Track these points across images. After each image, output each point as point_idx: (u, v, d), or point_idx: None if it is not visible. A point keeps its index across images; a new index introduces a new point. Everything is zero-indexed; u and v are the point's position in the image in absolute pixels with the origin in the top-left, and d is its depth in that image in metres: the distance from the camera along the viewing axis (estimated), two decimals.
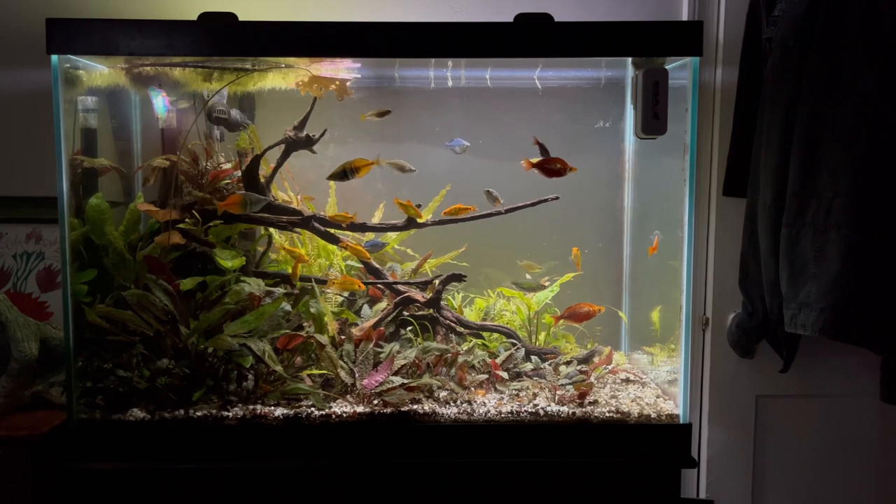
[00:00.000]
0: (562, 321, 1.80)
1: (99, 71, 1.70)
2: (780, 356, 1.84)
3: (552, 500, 1.58)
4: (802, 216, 1.60)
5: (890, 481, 1.97)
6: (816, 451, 1.96)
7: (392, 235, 1.90)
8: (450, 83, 1.85)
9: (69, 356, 1.56)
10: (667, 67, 1.63)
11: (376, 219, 1.91)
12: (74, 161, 1.64)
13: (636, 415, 1.61)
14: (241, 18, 1.55)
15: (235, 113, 1.79)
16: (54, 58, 1.51)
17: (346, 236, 1.84)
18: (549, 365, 1.80)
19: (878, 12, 1.51)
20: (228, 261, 1.67)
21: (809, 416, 1.95)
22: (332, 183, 1.88)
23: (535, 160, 1.64)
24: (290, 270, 1.78)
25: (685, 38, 1.54)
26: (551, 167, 1.63)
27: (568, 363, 1.81)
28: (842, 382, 1.92)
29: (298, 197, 1.82)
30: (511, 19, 1.55)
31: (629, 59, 1.69)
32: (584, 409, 1.61)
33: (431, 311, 1.84)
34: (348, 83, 1.73)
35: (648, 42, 1.55)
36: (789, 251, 1.62)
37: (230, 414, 1.56)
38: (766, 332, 1.82)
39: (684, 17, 1.92)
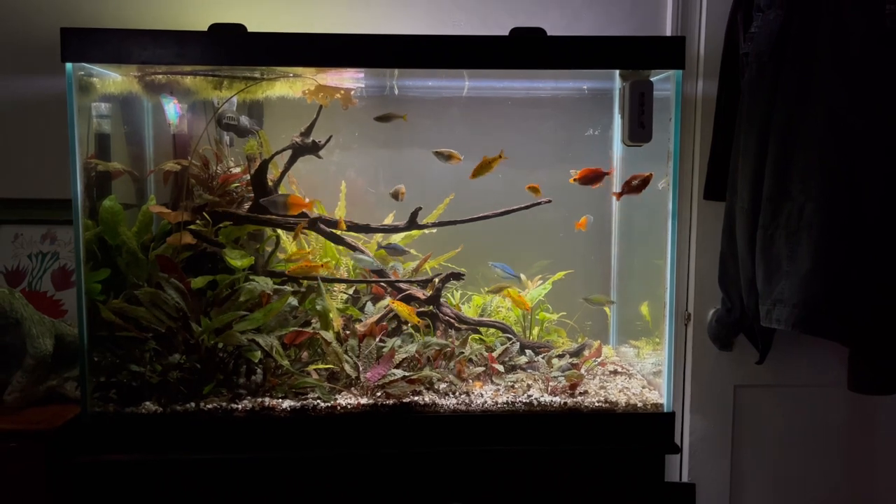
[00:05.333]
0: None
1: (112, 78, 1.72)
2: (757, 349, 1.90)
3: (545, 484, 1.63)
4: (777, 219, 1.65)
5: (856, 464, 2.06)
6: (790, 437, 2.04)
7: (398, 237, 1.94)
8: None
9: (83, 352, 1.57)
10: (652, 79, 1.67)
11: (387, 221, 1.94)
12: (88, 165, 1.64)
13: (623, 404, 1.65)
14: (249, 30, 1.56)
15: (245, 119, 1.81)
16: (69, 65, 1.51)
17: (349, 236, 1.87)
18: (543, 358, 1.84)
19: (846, 32, 1.58)
20: (238, 260, 1.68)
21: (783, 404, 2.02)
22: (343, 187, 1.92)
23: (577, 175, 1.76)
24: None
25: (669, 52, 1.58)
26: (593, 176, 1.76)
27: (560, 356, 1.85)
28: (813, 373, 1.99)
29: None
30: (506, 34, 1.58)
31: (617, 71, 1.74)
32: (574, 400, 1.65)
33: (431, 307, 1.88)
34: (353, 92, 1.77)
35: (635, 56, 1.59)
36: (765, 251, 1.68)
37: (239, 406, 1.58)
38: (743, 327, 1.88)
39: (668, 33, 1.98)
